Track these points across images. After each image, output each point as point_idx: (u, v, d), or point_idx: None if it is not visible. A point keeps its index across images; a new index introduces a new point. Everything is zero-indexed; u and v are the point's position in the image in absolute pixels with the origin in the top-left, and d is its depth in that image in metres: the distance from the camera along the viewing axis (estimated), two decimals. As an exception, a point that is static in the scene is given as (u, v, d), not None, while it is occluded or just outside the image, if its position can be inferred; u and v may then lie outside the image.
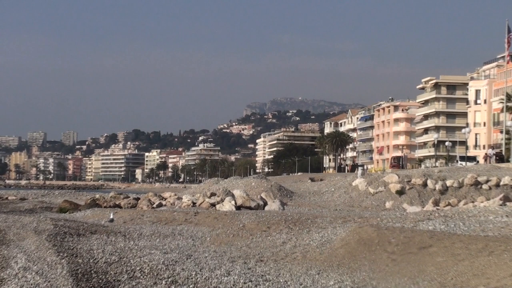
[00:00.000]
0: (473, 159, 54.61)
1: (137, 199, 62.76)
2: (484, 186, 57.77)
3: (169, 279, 19.58)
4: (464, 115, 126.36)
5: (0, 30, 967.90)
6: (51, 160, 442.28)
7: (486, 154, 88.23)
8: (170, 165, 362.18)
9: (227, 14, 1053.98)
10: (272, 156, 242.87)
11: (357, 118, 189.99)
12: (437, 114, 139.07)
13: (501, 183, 57.63)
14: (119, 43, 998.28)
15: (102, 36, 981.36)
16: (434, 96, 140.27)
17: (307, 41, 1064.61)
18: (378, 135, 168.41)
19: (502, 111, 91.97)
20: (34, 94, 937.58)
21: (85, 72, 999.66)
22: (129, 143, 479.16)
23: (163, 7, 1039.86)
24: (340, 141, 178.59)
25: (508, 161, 67.91)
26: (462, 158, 54.30)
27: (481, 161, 71.17)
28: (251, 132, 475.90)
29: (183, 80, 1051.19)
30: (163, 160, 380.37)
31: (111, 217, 42.62)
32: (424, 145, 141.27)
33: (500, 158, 70.84)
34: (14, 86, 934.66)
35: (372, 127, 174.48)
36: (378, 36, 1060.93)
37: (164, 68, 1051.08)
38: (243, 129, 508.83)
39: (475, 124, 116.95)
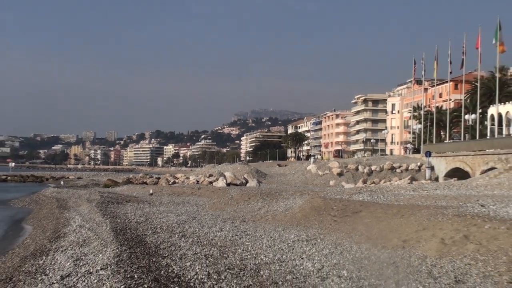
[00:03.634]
0: (429, 153, 55.29)
1: (158, 178, 62.55)
2: (398, 170, 58.14)
3: (180, 234, 19.53)
4: (384, 121, 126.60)
5: (57, 58, 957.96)
6: (99, 151, 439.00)
7: (406, 147, 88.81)
8: (181, 155, 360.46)
9: (222, 49, 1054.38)
10: (251, 149, 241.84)
11: (311, 123, 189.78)
12: (365, 120, 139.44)
13: (409, 168, 57.98)
14: (149, 70, 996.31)
15: (135, 64, 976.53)
16: (363, 108, 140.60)
17: (277, 69, 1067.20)
18: (325, 135, 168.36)
19: (410, 118, 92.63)
20: (87, 104, 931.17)
21: (123, 90, 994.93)
22: (153, 139, 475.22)
23: (177, 44, 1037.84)
24: (299, 139, 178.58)
25: (418, 152, 68.22)
26: (428, 154, 55.16)
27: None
28: (237, 132, 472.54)
29: (191, 95, 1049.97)
30: (176, 151, 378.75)
31: (151, 192, 42.78)
32: (356, 141, 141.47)
33: (417, 150, 71.42)
34: (73, 100, 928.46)
35: (320, 129, 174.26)
36: (324, 65, 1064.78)
37: (177, 87, 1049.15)
38: (231, 130, 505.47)
39: (391, 127, 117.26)
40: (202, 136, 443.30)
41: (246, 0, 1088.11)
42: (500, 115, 53.62)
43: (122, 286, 11.28)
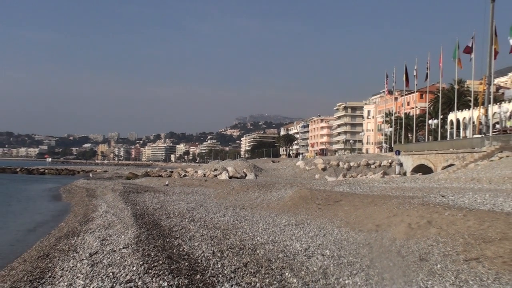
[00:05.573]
0: (399, 152, 55.36)
1: (171, 172, 62.55)
2: (372, 166, 58.19)
3: (190, 218, 19.51)
4: (361, 125, 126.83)
5: (87, 71, 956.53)
6: (122, 149, 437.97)
7: (381, 146, 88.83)
8: (191, 152, 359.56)
9: (226, 63, 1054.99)
10: (250, 148, 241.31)
11: (299, 126, 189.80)
12: (345, 124, 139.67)
13: (382, 164, 58.04)
14: (164, 80, 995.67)
15: (152, 76, 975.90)
16: (344, 113, 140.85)
17: (270, 81, 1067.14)
18: (311, 136, 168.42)
19: (382, 123, 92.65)
20: (112, 109, 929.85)
21: (143, 97, 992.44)
22: (167, 139, 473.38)
23: (189, 60, 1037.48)
24: (289, 139, 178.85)
25: (391, 151, 68.20)
26: (397, 152, 54.91)
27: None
28: (238, 134, 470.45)
29: (199, 102, 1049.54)
30: (187, 149, 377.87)
31: (167, 183, 42.76)
32: (338, 142, 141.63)
33: (390, 149, 71.45)
34: (101, 105, 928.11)
35: (308, 131, 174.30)
36: (311, 77, 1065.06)
37: (188, 95, 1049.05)
38: (233, 132, 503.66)
39: (367, 130, 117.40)
40: (209, 137, 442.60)
41: (245, 23, 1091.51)
42: (458, 120, 53.80)
43: (140, 262, 11.28)
